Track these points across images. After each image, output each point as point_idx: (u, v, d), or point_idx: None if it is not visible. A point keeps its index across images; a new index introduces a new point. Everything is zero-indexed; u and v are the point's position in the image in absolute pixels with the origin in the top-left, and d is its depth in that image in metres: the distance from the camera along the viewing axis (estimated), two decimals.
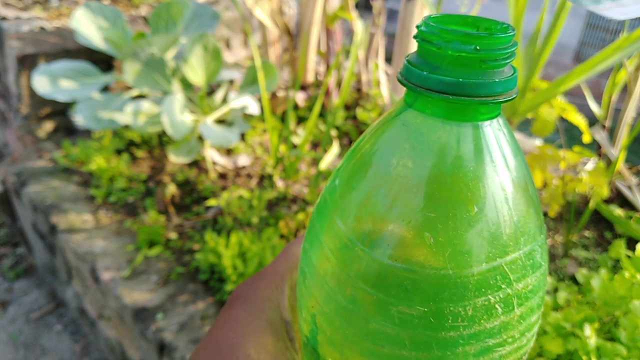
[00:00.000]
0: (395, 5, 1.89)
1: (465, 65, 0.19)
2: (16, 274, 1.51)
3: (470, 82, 0.19)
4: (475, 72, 0.19)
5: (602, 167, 0.91)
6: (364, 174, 0.22)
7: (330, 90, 1.42)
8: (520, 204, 0.21)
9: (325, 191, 0.24)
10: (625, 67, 0.95)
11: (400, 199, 0.20)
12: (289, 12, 1.49)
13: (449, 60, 0.19)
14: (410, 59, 0.21)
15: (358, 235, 0.21)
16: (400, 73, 0.21)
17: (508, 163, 0.20)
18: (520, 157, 0.21)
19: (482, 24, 0.21)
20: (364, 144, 0.23)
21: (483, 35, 0.19)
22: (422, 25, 0.20)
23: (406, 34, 0.89)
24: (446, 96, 0.19)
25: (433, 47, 0.19)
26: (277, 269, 0.31)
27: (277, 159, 1.22)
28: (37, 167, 1.37)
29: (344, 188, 0.22)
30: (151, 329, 0.90)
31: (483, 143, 0.20)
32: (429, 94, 0.19)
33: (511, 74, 0.20)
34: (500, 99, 0.19)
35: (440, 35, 0.19)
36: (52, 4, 1.76)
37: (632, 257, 0.67)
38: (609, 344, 0.61)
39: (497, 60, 0.19)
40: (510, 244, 0.20)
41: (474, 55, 0.19)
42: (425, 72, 0.19)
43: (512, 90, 0.20)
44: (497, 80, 0.19)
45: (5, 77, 1.55)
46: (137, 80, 1.23)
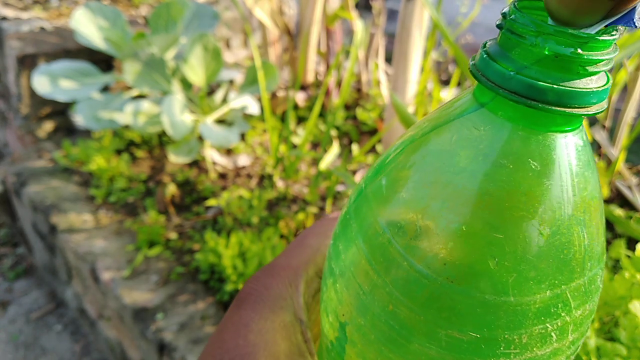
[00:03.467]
0: (395, 5, 1.89)
1: (560, 69, 0.16)
2: (16, 274, 1.51)
3: (564, 90, 0.16)
4: (570, 78, 0.16)
5: (602, 167, 0.91)
6: (420, 176, 0.19)
7: (330, 90, 1.42)
8: (592, 227, 0.19)
9: (366, 186, 0.21)
10: (625, 67, 0.95)
11: (465, 213, 0.18)
12: (289, 12, 1.49)
13: (543, 61, 0.16)
14: (490, 50, 0.17)
15: (409, 248, 0.18)
16: (475, 65, 0.18)
17: (586, 180, 0.18)
18: (596, 174, 0.19)
19: None
20: (421, 140, 0.20)
21: (587, 36, 0.16)
22: (512, 12, 0.17)
23: (406, 34, 0.89)
24: (534, 103, 0.16)
25: (525, 42, 0.16)
26: (290, 262, 0.28)
27: (277, 159, 1.22)
28: (37, 167, 1.38)
29: (393, 188, 0.20)
30: (151, 329, 0.90)
31: (564, 158, 0.17)
32: (514, 97, 0.16)
33: (605, 82, 0.17)
34: (592, 111, 0.17)
35: (536, 30, 0.16)
36: (52, 4, 1.76)
37: (632, 257, 0.67)
38: (609, 344, 0.61)
39: (598, 67, 0.16)
40: (577, 269, 0.18)
41: (573, 58, 0.16)
42: (512, 71, 0.16)
43: (604, 100, 0.17)
44: (594, 90, 0.16)
45: (5, 77, 1.55)
46: (137, 80, 1.23)
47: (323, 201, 1.14)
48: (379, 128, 1.39)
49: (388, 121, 0.98)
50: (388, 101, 0.97)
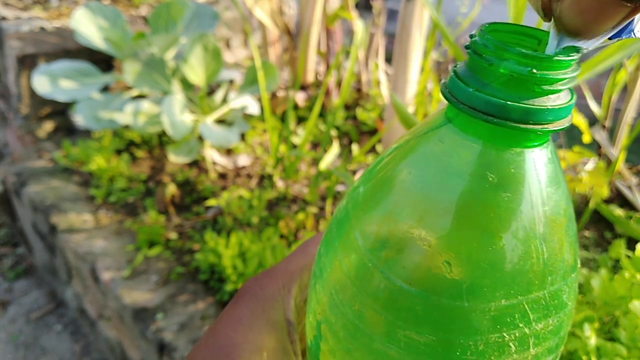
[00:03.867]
0: (395, 5, 1.88)
1: (517, 87, 0.17)
2: (16, 274, 1.51)
3: (520, 107, 0.17)
4: (527, 96, 0.17)
5: (602, 167, 0.91)
6: (390, 187, 0.20)
7: (330, 90, 1.42)
8: (553, 241, 0.19)
9: (348, 197, 0.23)
10: (625, 67, 0.95)
11: (425, 220, 0.19)
12: (289, 12, 1.49)
13: (500, 80, 0.17)
14: (458, 70, 0.19)
15: (375, 252, 0.20)
16: (445, 84, 0.19)
17: (548, 196, 0.19)
18: (563, 191, 0.20)
19: (544, 37, 0.19)
20: (396, 154, 0.21)
21: (542, 56, 0.17)
22: (477, 35, 0.18)
23: (406, 34, 0.89)
24: (491, 118, 0.17)
25: (484, 63, 0.17)
26: (288, 267, 0.30)
27: (277, 159, 1.22)
28: (37, 167, 1.38)
29: (367, 198, 0.21)
30: (151, 329, 0.90)
31: (524, 172, 0.18)
32: (473, 113, 0.17)
33: (567, 100, 0.18)
34: (549, 128, 0.17)
35: (494, 51, 0.17)
36: (52, 4, 1.76)
37: (632, 257, 0.67)
38: (609, 344, 0.61)
39: (553, 85, 0.17)
40: (535, 282, 0.19)
41: (529, 77, 0.17)
42: (472, 88, 0.17)
43: (564, 118, 0.18)
44: (550, 108, 0.17)
45: (5, 77, 1.55)
46: (137, 80, 1.23)
47: (323, 201, 1.15)
48: (379, 128, 1.39)
49: (388, 121, 0.98)
50: (388, 101, 0.97)
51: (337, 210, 0.23)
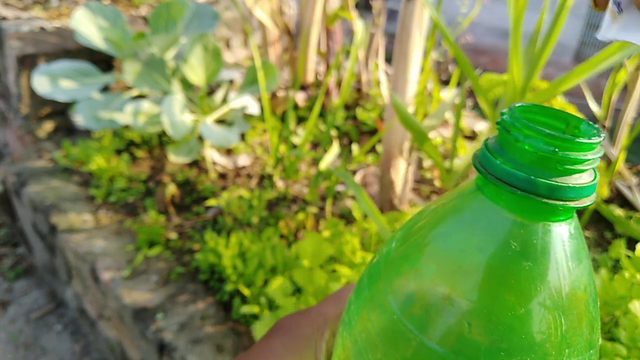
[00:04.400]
0: (395, 5, 1.88)
1: (542, 164, 0.18)
2: (16, 274, 1.51)
3: (543, 183, 0.18)
4: (551, 173, 0.18)
5: (602, 167, 0.91)
6: (421, 249, 0.21)
7: (330, 90, 1.42)
8: (572, 315, 0.20)
9: (381, 253, 0.24)
10: (625, 67, 0.95)
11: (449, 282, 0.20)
12: (289, 12, 1.49)
13: (526, 156, 0.18)
14: (489, 142, 0.20)
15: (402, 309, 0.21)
16: (476, 155, 0.20)
17: (569, 270, 0.20)
18: (585, 267, 0.20)
19: (572, 121, 0.21)
20: (429, 218, 0.22)
21: (565, 138, 0.18)
22: (507, 113, 0.19)
23: (406, 34, 0.89)
24: (516, 190, 0.18)
25: (511, 139, 0.19)
26: (322, 310, 0.31)
27: (277, 159, 1.22)
28: (37, 167, 1.37)
29: (399, 258, 0.22)
30: (151, 329, 0.90)
31: (547, 245, 0.19)
32: (500, 184, 0.19)
33: (590, 180, 0.19)
34: (571, 205, 0.18)
35: (521, 129, 0.18)
36: (52, 4, 1.76)
37: (632, 257, 0.67)
38: (609, 344, 0.61)
39: (575, 165, 0.18)
40: (552, 352, 0.19)
41: (552, 156, 0.18)
42: (499, 161, 0.19)
43: (587, 197, 0.19)
44: (571, 186, 0.18)
45: (5, 77, 1.55)
46: (137, 80, 1.23)
47: (323, 201, 1.15)
48: (379, 128, 1.39)
49: (388, 121, 0.98)
50: (388, 101, 0.97)
51: (370, 264, 0.25)
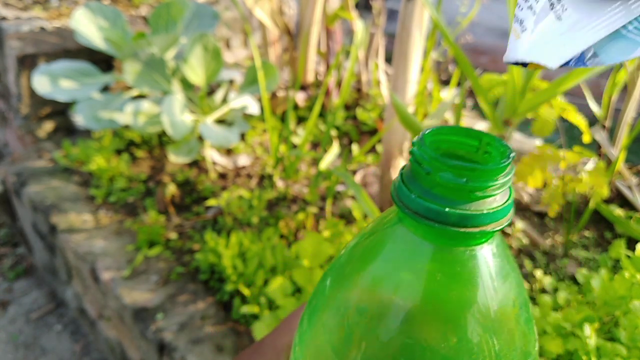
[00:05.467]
0: (395, 5, 1.88)
1: (455, 194, 0.18)
2: (16, 274, 1.51)
3: (457, 213, 0.18)
4: (465, 202, 0.18)
5: (602, 167, 0.91)
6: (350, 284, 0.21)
7: (330, 90, 1.42)
8: (504, 333, 0.20)
9: (318, 288, 0.24)
10: (625, 67, 0.95)
11: (381, 318, 0.20)
12: (289, 12, 1.49)
13: (438, 187, 0.19)
14: (404, 174, 0.20)
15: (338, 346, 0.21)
16: (393, 185, 0.20)
17: (496, 290, 0.20)
18: (512, 281, 0.21)
19: (484, 138, 0.21)
20: (356, 249, 0.22)
21: (474, 167, 0.18)
22: (416, 145, 0.19)
23: (406, 34, 0.89)
24: (432, 223, 0.18)
25: (422, 172, 0.19)
26: (275, 343, 0.31)
27: (277, 159, 1.22)
28: (37, 167, 1.38)
29: (331, 293, 0.22)
30: (151, 329, 0.90)
31: (471, 270, 0.19)
32: (416, 217, 0.19)
33: (503, 202, 0.19)
34: (487, 229, 0.19)
35: (430, 162, 0.19)
36: (52, 4, 1.76)
37: (632, 257, 0.67)
38: (609, 344, 0.61)
39: (487, 192, 0.18)
40: None
41: (463, 186, 0.18)
42: (414, 194, 0.19)
43: (503, 219, 0.19)
44: (485, 212, 0.18)
45: (5, 77, 1.55)
46: (137, 80, 1.23)
47: (323, 201, 1.15)
48: (379, 128, 1.39)
49: (388, 121, 0.98)
50: (388, 101, 0.97)
51: (308, 303, 0.24)
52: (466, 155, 0.21)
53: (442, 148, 0.21)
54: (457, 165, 0.18)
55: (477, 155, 0.21)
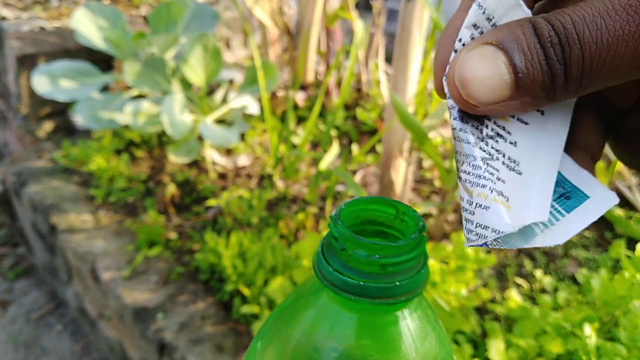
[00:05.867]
0: (395, 5, 1.88)
1: (369, 268, 0.19)
2: (16, 274, 1.51)
3: (371, 286, 0.19)
4: (378, 275, 0.19)
5: (602, 167, 0.91)
6: (276, 349, 0.22)
7: (330, 90, 1.42)
8: None
9: (250, 349, 0.25)
10: None
11: None
12: (289, 12, 1.49)
13: (353, 262, 0.20)
14: (324, 246, 0.21)
15: None
16: (315, 257, 0.21)
17: (417, 350, 0.21)
18: (432, 341, 0.22)
19: (400, 207, 0.22)
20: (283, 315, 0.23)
21: (386, 245, 0.19)
22: (333, 221, 0.20)
23: (406, 34, 0.89)
24: (349, 295, 0.19)
25: (338, 247, 0.20)
26: None
27: (277, 159, 1.22)
28: (37, 167, 1.37)
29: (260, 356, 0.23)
30: (151, 329, 0.90)
31: (390, 336, 0.21)
32: (334, 289, 0.20)
33: (416, 272, 0.20)
34: (402, 299, 0.20)
35: (346, 239, 0.20)
36: (52, 4, 1.76)
37: (632, 257, 0.67)
38: (609, 344, 0.61)
39: (399, 265, 0.19)
40: None
41: (376, 262, 0.19)
42: (332, 267, 0.20)
43: (417, 287, 0.20)
44: (398, 284, 0.19)
45: (5, 77, 1.55)
46: (137, 80, 1.23)
47: (323, 201, 1.15)
48: (379, 128, 1.39)
49: (388, 121, 0.98)
50: (388, 101, 0.97)
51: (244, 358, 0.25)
52: (386, 222, 0.23)
53: (363, 216, 0.22)
54: (370, 243, 0.19)
55: (395, 222, 0.22)
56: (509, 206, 0.18)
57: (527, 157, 0.19)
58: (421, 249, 0.20)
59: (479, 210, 0.18)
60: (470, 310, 0.76)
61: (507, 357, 0.66)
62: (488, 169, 0.18)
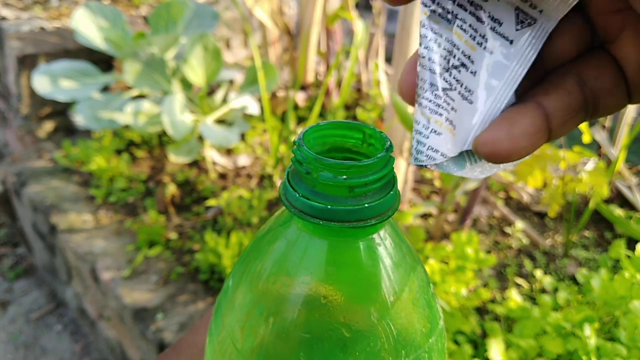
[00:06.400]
0: None
1: (336, 191, 0.19)
2: (16, 274, 1.51)
3: (339, 209, 0.19)
4: (345, 197, 0.19)
5: (602, 167, 0.91)
6: (248, 283, 0.22)
7: (330, 90, 1.42)
8: (401, 318, 0.20)
9: (223, 288, 0.24)
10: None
11: (279, 316, 0.20)
12: (289, 12, 1.49)
13: (320, 186, 0.19)
14: (290, 173, 0.20)
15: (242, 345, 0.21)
16: (281, 186, 0.21)
17: (389, 276, 0.20)
18: (406, 267, 0.21)
19: (367, 130, 0.21)
20: (253, 249, 0.23)
21: (352, 165, 0.18)
22: (297, 145, 0.20)
23: (406, 34, 0.89)
24: (317, 220, 0.19)
25: (303, 172, 0.19)
26: (195, 339, 0.30)
27: (277, 159, 1.22)
28: (37, 167, 1.38)
29: (233, 293, 0.23)
30: (151, 329, 0.90)
31: (361, 261, 0.20)
32: (302, 216, 0.19)
33: (384, 194, 0.19)
34: (372, 222, 0.19)
35: (310, 162, 0.19)
36: (52, 4, 1.76)
37: (632, 257, 0.67)
38: (609, 344, 0.61)
39: (367, 186, 0.19)
40: (389, 359, 0.20)
41: (343, 183, 0.18)
42: (299, 193, 0.19)
43: (386, 210, 0.19)
44: (367, 206, 0.19)
45: (5, 77, 1.55)
46: (137, 80, 1.23)
47: None
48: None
49: (388, 121, 0.98)
50: (388, 101, 0.97)
51: (215, 302, 0.25)
52: (352, 148, 0.22)
53: (329, 143, 0.21)
54: (335, 164, 0.18)
55: (362, 147, 0.21)
56: (455, 134, 0.19)
57: (480, 89, 0.19)
58: (389, 168, 0.19)
59: (433, 135, 0.19)
60: (470, 311, 0.76)
61: (507, 357, 0.66)
62: (446, 100, 0.19)
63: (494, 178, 1.16)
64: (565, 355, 0.65)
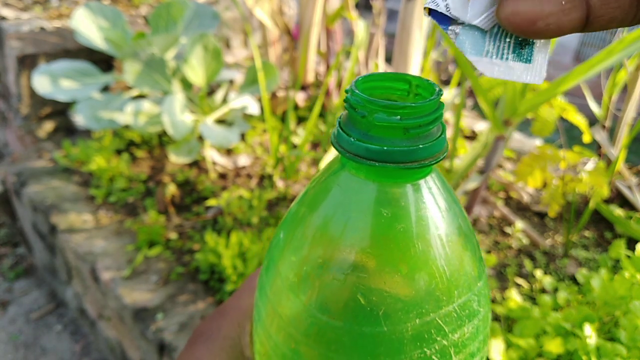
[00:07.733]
0: (395, 5, 1.88)
1: (390, 133, 0.19)
2: (16, 274, 1.51)
3: (395, 150, 0.19)
4: (400, 139, 0.19)
5: (602, 167, 0.91)
6: (303, 231, 0.22)
7: (330, 90, 1.42)
8: (453, 259, 0.21)
9: (272, 242, 0.25)
10: (625, 67, 0.95)
11: (335, 259, 0.21)
12: (289, 12, 1.49)
13: (375, 129, 0.19)
14: (342, 121, 0.21)
15: (298, 293, 0.22)
16: (333, 134, 0.21)
17: (440, 219, 0.21)
18: (455, 210, 0.22)
19: (413, 80, 0.22)
20: (305, 199, 0.23)
21: (406, 105, 0.19)
22: (350, 92, 0.20)
23: (406, 34, 0.89)
24: (373, 163, 0.19)
25: (358, 116, 0.20)
26: (240, 304, 0.31)
27: (277, 159, 1.22)
28: (37, 167, 1.38)
29: (286, 243, 0.23)
30: (151, 329, 0.90)
31: (414, 203, 0.20)
32: (357, 159, 0.20)
33: (438, 135, 0.20)
34: (426, 163, 0.20)
35: (364, 105, 0.19)
36: (52, 4, 1.76)
37: (632, 257, 0.67)
38: (609, 344, 0.61)
39: (421, 127, 0.19)
40: (443, 298, 0.21)
41: (398, 124, 0.19)
42: (353, 138, 0.20)
43: (439, 152, 0.20)
44: (422, 147, 0.19)
45: (5, 77, 1.55)
46: (137, 80, 1.23)
47: None
48: None
49: None
50: None
51: (265, 256, 0.25)
52: (399, 100, 0.22)
53: (376, 95, 0.22)
54: (390, 104, 0.19)
55: (409, 98, 0.22)
56: None
57: None
58: (440, 112, 0.20)
59: None
60: None
61: (507, 357, 0.66)
62: None
63: (493, 178, 1.16)
64: (565, 355, 0.65)
